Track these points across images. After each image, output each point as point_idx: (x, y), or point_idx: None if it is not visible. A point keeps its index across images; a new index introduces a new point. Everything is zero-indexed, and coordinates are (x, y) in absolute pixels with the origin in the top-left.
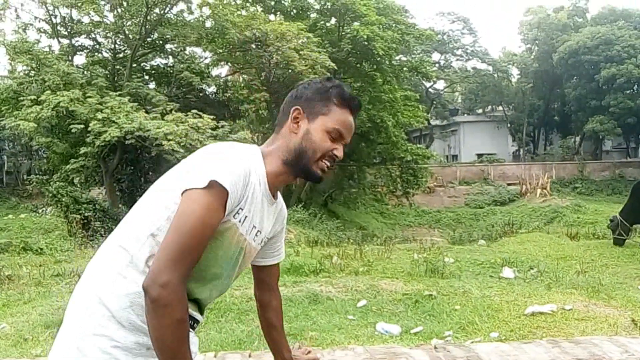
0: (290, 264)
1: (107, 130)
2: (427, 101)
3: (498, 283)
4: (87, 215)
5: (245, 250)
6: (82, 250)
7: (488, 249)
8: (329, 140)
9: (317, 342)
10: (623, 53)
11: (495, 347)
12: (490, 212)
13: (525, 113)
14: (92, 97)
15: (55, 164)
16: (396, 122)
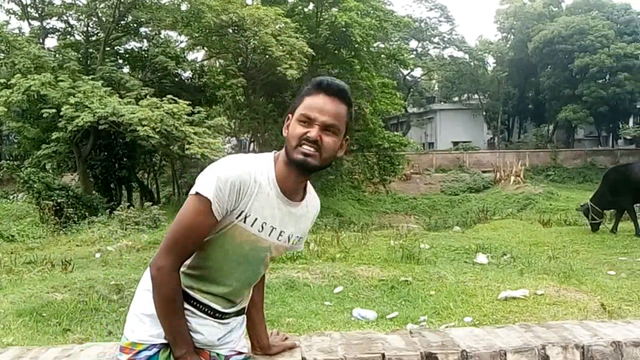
0: None
1: (80, 115)
2: (405, 89)
3: (472, 269)
4: (60, 201)
5: (271, 249)
6: (55, 237)
7: (463, 235)
8: (300, 127)
9: (294, 328)
10: (596, 43)
11: (470, 331)
12: (465, 199)
13: (500, 101)
14: (64, 81)
15: (26, 149)
16: (374, 110)
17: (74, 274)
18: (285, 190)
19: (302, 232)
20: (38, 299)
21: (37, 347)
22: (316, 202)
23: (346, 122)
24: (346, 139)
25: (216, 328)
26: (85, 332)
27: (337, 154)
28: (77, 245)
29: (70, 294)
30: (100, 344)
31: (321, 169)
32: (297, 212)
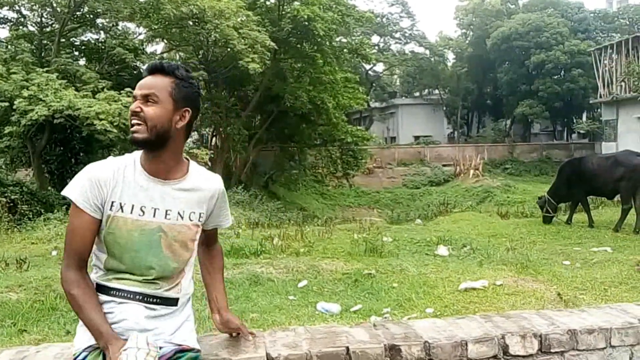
0: (230, 246)
1: (34, 108)
2: (367, 83)
3: (433, 260)
4: (14, 198)
5: (163, 229)
6: (9, 235)
7: (424, 228)
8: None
9: (258, 324)
10: (551, 40)
11: (432, 322)
12: (427, 192)
13: (460, 96)
14: (16, 74)
15: None
16: (337, 104)
17: (29, 272)
18: (152, 171)
19: (195, 208)
20: None
21: None
22: (210, 181)
23: (171, 92)
24: (185, 110)
25: (142, 309)
26: (42, 332)
27: (174, 124)
28: (32, 243)
29: (25, 294)
30: (58, 345)
31: (157, 140)
32: (179, 189)
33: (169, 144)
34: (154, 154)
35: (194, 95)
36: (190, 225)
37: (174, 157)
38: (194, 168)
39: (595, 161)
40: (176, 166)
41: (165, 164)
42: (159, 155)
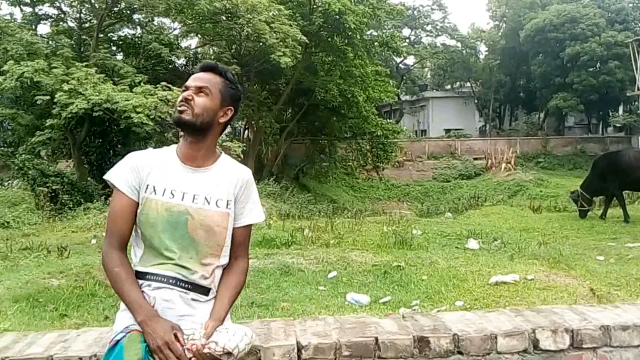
0: (262, 236)
1: (74, 102)
2: (397, 76)
3: (463, 254)
4: (55, 188)
5: (190, 212)
6: (51, 223)
7: (454, 222)
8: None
9: (288, 313)
10: (587, 31)
11: (461, 315)
12: (457, 185)
13: (492, 89)
14: (57, 68)
15: (20, 136)
16: (367, 97)
17: (70, 259)
18: (185, 158)
19: (222, 195)
20: (34, 285)
21: (33, 332)
22: (237, 170)
23: (220, 90)
24: (229, 108)
25: (176, 294)
26: (82, 317)
27: (217, 118)
28: (72, 231)
29: (66, 280)
30: (97, 329)
31: (199, 127)
32: (207, 176)
33: (208, 135)
34: (192, 140)
35: (237, 97)
36: (217, 211)
37: (208, 148)
38: (224, 159)
39: (632, 155)
40: (209, 156)
41: (199, 152)
42: (197, 142)
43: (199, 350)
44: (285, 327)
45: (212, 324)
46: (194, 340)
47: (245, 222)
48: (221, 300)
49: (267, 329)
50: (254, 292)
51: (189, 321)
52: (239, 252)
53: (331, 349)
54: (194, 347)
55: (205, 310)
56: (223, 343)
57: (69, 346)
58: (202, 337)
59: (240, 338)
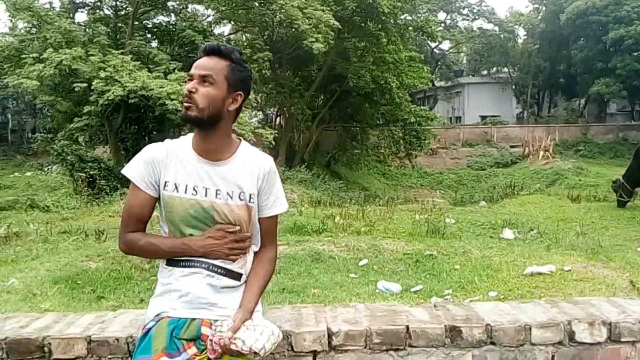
0: (293, 223)
1: (110, 89)
2: (432, 62)
3: (498, 244)
4: (93, 173)
5: (215, 207)
6: (88, 207)
7: (489, 211)
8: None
9: (319, 299)
10: (632, 14)
11: (494, 306)
12: (492, 174)
13: (530, 75)
14: (94, 55)
15: (59, 123)
16: (400, 84)
17: (107, 243)
18: (202, 152)
19: (244, 189)
20: (73, 267)
21: (72, 313)
22: (259, 160)
23: (226, 75)
24: (238, 93)
25: (207, 281)
26: (119, 299)
27: (226, 107)
28: (109, 215)
29: (103, 263)
30: (133, 311)
31: (208, 120)
32: (227, 169)
33: (219, 125)
34: (204, 134)
35: (246, 79)
36: (241, 205)
37: (223, 138)
38: (244, 148)
39: None
40: (225, 147)
41: (214, 144)
42: (209, 135)
43: (226, 345)
44: (316, 313)
45: (241, 317)
46: (221, 333)
47: (270, 214)
48: (250, 290)
49: (298, 315)
50: (285, 278)
51: (218, 309)
52: (266, 241)
53: (362, 336)
54: (221, 342)
55: (235, 298)
56: (250, 343)
57: (106, 327)
58: (229, 329)
59: (267, 338)
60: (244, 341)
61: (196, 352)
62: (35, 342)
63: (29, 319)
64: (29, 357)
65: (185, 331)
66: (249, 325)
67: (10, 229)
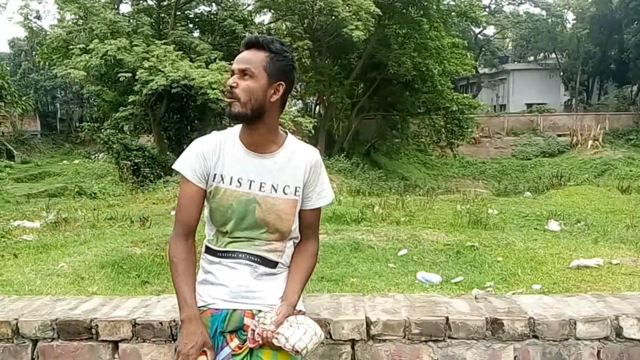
0: (332, 212)
1: (154, 78)
2: (476, 48)
3: (543, 236)
4: (137, 161)
5: (258, 200)
6: (133, 195)
7: (534, 201)
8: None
9: (357, 288)
10: None
11: (538, 299)
12: (538, 163)
13: (579, 60)
14: (138, 46)
15: (105, 112)
16: (442, 71)
17: (151, 229)
18: (248, 144)
19: (289, 182)
20: (119, 253)
21: (118, 296)
22: (305, 153)
23: (265, 66)
24: (279, 84)
25: (247, 270)
26: (162, 284)
27: (268, 98)
28: (153, 203)
29: (148, 249)
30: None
31: (252, 114)
32: (273, 162)
33: (264, 118)
34: (250, 127)
35: (287, 68)
36: (285, 198)
37: (269, 130)
38: (290, 141)
39: None
40: (272, 139)
41: (261, 137)
42: (255, 128)
43: (268, 338)
44: (355, 302)
45: (284, 311)
46: (264, 325)
47: (314, 206)
48: (293, 282)
49: (337, 303)
50: (323, 267)
51: (257, 298)
52: (308, 234)
53: (400, 326)
54: (264, 334)
55: (274, 287)
56: (293, 342)
57: (150, 311)
58: (272, 322)
59: (310, 338)
60: (288, 339)
61: (239, 344)
62: (83, 323)
63: (77, 302)
64: (77, 337)
65: (227, 323)
66: (293, 323)
67: (60, 214)
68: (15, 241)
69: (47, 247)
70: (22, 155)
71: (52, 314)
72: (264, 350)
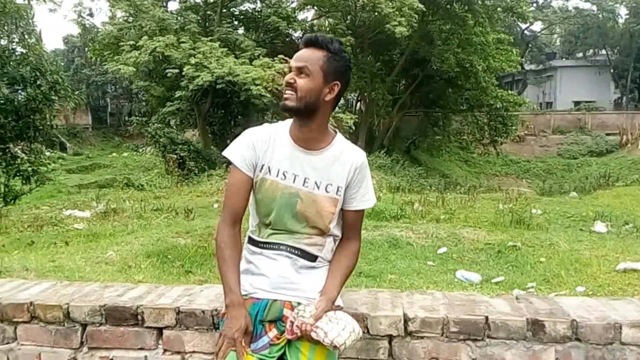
0: (371, 208)
1: (200, 74)
2: (522, 44)
3: (588, 237)
4: (183, 155)
5: (300, 195)
6: (178, 187)
7: (580, 202)
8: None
9: (395, 285)
10: None
11: (582, 301)
12: (585, 163)
13: (631, 57)
14: (185, 43)
15: (153, 107)
16: (487, 67)
17: (195, 221)
18: (297, 140)
19: (333, 181)
20: (164, 243)
21: (163, 285)
22: (351, 154)
23: (322, 65)
24: (335, 84)
25: (286, 261)
26: (205, 274)
27: (323, 97)
28: (197, 195)
29: (191, 240)
30: (218, 286)
31: (305, 110)
32: (319, 160)
33: (316, 115)
34: (301, 123)
35: (344, 69)
36: (326, 196)
37: (319, 128)
38: (338, 140)
39: None
40: (321, 137)
41: (310, 133)
42: (306, 124)
43: (307, 331)
44: (393, 298)
45: (323, 306)
46: (303, 318)
47: (357, 208)
48: (333, 278)
49: (375, 299)
50: (362, 263)
51: (297, 290)
52: (350, 234)
53: (438, 324)
54: (303, 327)
55: (314, 280)
56: (332, 337)
57: (193, 300)
58: (311, 316)
59: (348, 334)
60: (327, 333)
61: (277, 334)
62: (130, 310)
63: (124, 289)
64: (124, 323)
65: (267, 313)
66: (332, 318)
67: (109, 205)
68: (67, 229)
69: (97, 236)
70: (74, 148)
71: (100, 299)
72: (303, 342)
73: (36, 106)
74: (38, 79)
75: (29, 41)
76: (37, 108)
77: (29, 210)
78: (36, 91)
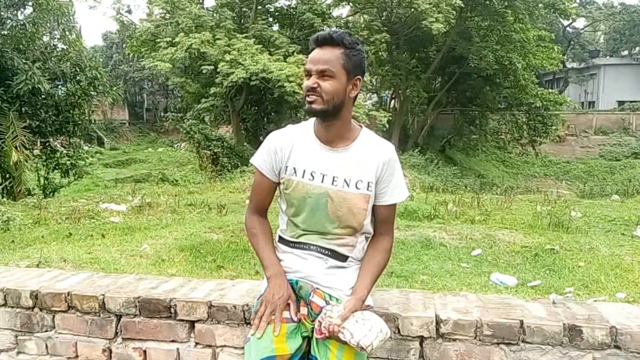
0: (404, 208)
1: (234, 71)
2: (564, 41)
3: (631, 242)
4: (216, 151)
5: (330, 194)
6: (212, 183)
7: (622, 205)
8: (305, 81)
9: (428, 286)
10: None
11: (622, 308)
12: (629, 165)
13: None
14: (220, 39)
15: (188, 103)
16: (526, 65)
17: (227, 217)
18: (323, 139)
19: (362, 176)
20: (197, 237)
21: (195, 279)
22: (379, 148)
23: (343, 63)
24: (357, 78)
25: (316, 261)
26: (236, 269)
27: (348, 94)
28: (230, 191)
29: (224, 235)
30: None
31: (333, 111)
32: (346, 157)
33: (341, 113)
34: (327, 123)
35: (361, 61)
36: (357, 193)
37: (344, 125)
38: (364, 135)
39: None
40: (346, 134)
41: (336, 131)
42: (332, 123)
43: (334, 332)
44: (425, 299)
45: (351, 305)
46: (331, 319)
47: (388, 202)
48: (363, 277)
49: (406, 299)
50: (393, 263)
51: (327, 288)
52: (382, 229)
53: (471, 327)
54: (330, 327)
55: (343, 278)
56: (358, 338)
57: (225, 294)
58: (339, 316)
59: (375, 335)
60: (353, 334)
61: (305, 315)
62: (163, 302)
63: (158, 282)
64: (157, 315)
65: (298, 290)
66: (359, 319)
67: (144, 199)
68: (103, 222)
69: (132, 229)
70: (111, 142)
71: (135, 292)
72: (332, 341)
73: (75, 101)
74: (78, 74)
75: (69, 37)
76: (77, 103)
77: (67, 203)
78: (76, 86)
